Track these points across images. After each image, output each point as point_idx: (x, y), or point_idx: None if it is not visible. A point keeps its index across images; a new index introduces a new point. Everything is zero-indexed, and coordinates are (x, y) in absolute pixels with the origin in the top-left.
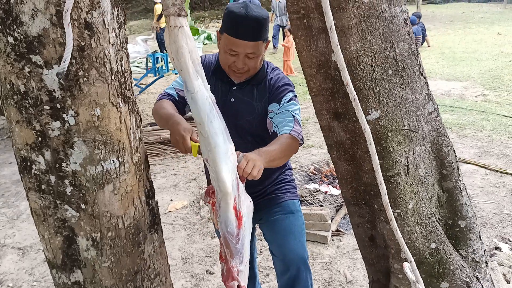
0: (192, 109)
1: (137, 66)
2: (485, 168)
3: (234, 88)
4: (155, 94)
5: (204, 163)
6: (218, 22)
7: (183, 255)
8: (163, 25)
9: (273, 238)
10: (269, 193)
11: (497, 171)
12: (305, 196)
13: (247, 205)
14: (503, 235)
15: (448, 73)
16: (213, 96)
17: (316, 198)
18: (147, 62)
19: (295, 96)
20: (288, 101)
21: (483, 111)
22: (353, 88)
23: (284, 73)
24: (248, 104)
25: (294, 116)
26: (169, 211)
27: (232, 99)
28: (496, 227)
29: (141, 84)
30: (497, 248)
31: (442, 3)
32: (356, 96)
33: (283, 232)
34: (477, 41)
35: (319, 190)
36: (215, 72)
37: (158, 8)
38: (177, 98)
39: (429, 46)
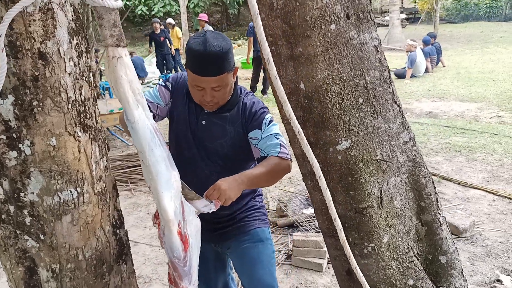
0: (133, 138)
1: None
2: (493, 193)
3: (205, 110)
4: None
5: None
6: (234, 43)
7: None
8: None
9: (242, 269)
10: (238, 221)
11: (505, 197)
12: (301, 222)
13: (195, 224)
14: (507, 266)
15: (463, 94)
16: (155, 124)
17: (313, 224)
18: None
19: (271, 117)
20: (268, 124)
21: (495, 134)
22: (297, 122)
23: None
24: (220, 127)
25: (277, 139)
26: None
27: (203, 122)
28: (500, 257)
29: None
30: (498, 280)
31: (461, 22)
32: (301, 130)
33: (251, 261)
34: (494, 61)
35: None
36: (188, 93)
37: (178, 31)
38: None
39: (444, 66)
